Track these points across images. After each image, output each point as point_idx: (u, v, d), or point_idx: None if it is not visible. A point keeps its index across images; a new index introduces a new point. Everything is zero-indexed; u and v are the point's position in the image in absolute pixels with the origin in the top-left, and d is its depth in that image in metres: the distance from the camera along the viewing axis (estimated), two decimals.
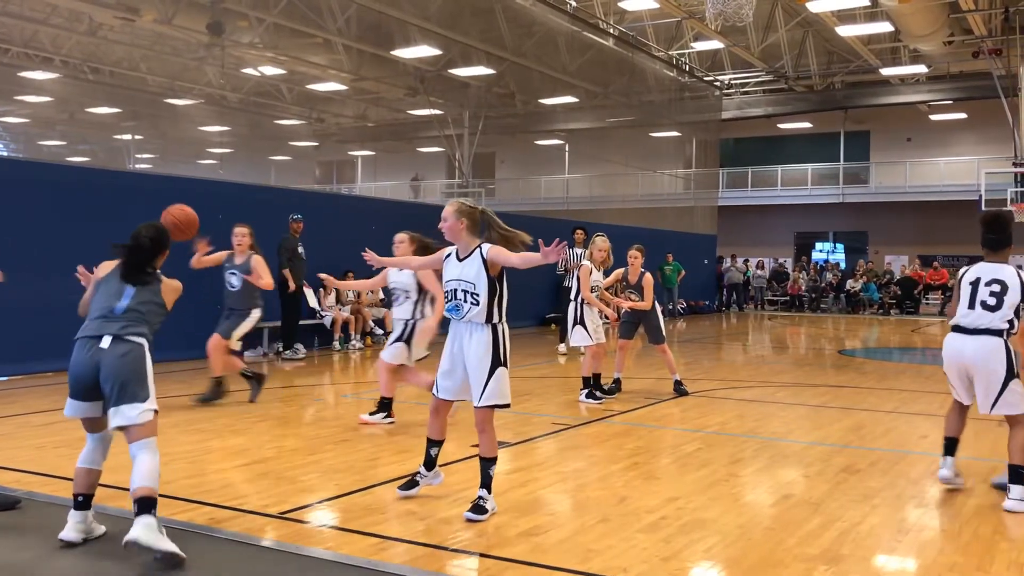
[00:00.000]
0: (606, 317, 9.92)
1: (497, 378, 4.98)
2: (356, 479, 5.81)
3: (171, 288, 4.75)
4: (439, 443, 5.38)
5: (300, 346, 13.55)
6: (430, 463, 5.39)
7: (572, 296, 9.54)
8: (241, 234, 8.92)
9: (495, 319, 5.01)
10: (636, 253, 10.26)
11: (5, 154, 34.35)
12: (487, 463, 5.06)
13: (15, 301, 9.99)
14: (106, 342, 4.37)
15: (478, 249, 5.01)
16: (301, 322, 13.66)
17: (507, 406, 5.08)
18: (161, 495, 5.35)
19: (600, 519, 5.00)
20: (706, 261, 28.94)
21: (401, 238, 7.62)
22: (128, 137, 38.26)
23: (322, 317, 14.45)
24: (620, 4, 23.38)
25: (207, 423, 7.80)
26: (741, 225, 34.50)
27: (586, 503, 5.39)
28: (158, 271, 4.74)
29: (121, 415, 4.31)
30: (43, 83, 30.44)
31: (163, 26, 23.42)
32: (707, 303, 28.14)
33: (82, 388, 4.41)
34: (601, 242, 9.76)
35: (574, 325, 9.45)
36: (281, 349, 13.42)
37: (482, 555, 4.38)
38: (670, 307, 24.75)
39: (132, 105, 33.39)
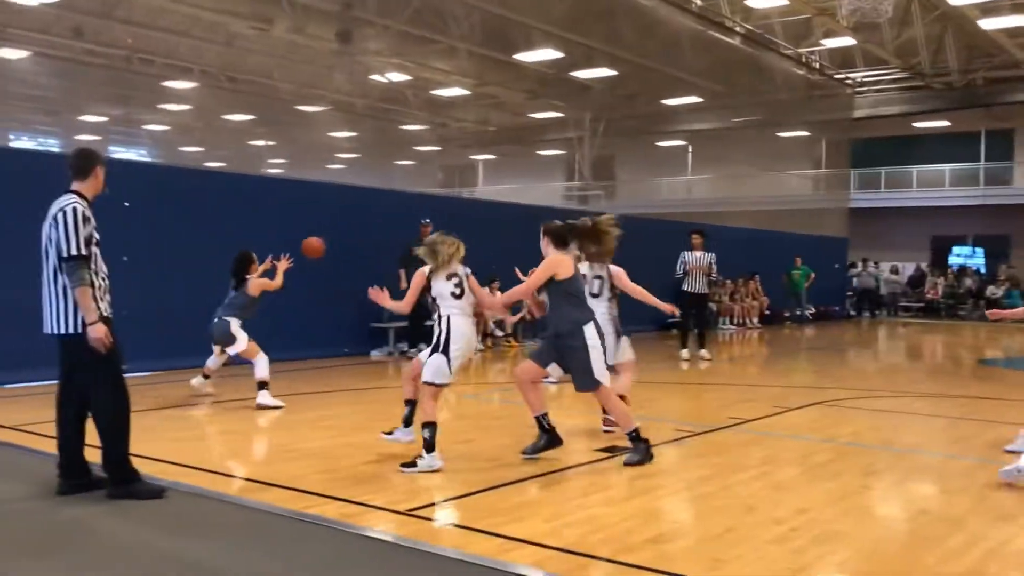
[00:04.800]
0: None
1: (431, 362, 6.26)
2: (481, 478, 5.86)
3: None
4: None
5: (424, 346, 13.78)
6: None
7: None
8: None
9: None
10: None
11: (149, 160, 36.25)
12: (421, 427, 6.14)
13: (156, 301, 10.52)
14: None
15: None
16: (426, 323, 13.88)
17: (435, 385, 6.23)
18: (295, 489, 5.55)
19: (727, 528, 4.89)
20: (836, 265, 28.01)
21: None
22: (261, 143, 39.82)
23: None
24: (747, 2, 22.88)
25: (337, 420, 8.02)
26: (874, 228, 33.20)
27: (712, 512, 5.29)
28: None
29: None
30: (184, 92, 32.01)
31: (295, 35, 24.29)
32: (837, 308, 27.23)
33: None
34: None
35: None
36: (406, 349, 13.71)
37: (607, 560, 4.35)
38: (798, 312, 24.08)
39: (265, 112, 34.73)
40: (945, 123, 32.80)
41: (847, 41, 26.12)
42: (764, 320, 22.88)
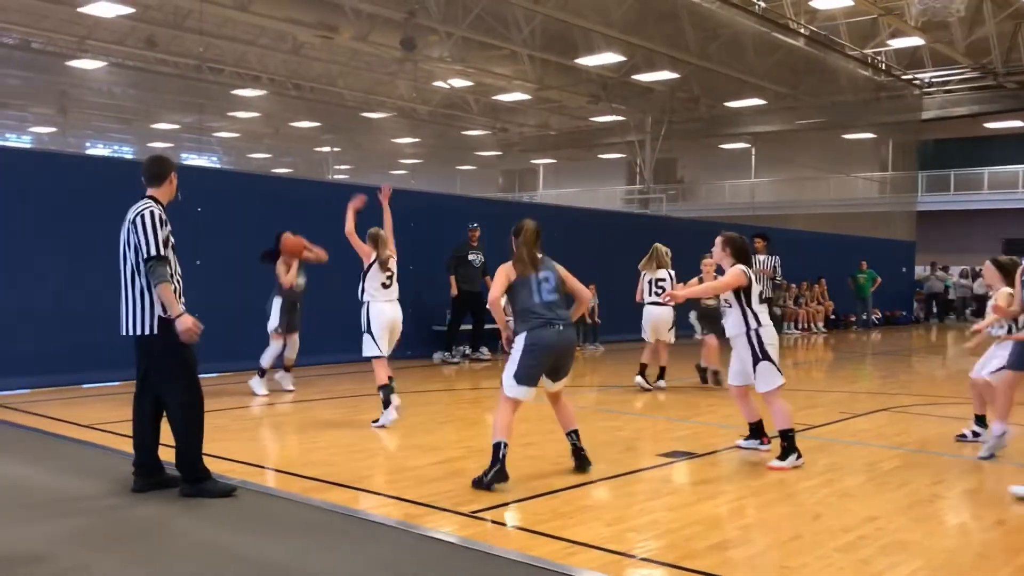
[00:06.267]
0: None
1: (363, 342, 7.91)
2: (543, 482, 5.88)
3: None
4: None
5: (485, 349, 13.89)
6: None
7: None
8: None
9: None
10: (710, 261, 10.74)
11: (219, 166, 37.07)
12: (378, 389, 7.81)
13: (228, 303, 10.76)
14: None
15: None
16: (486, 326, 13.98)
17: (373, 358, 7.88)
18: (361, 489, 5.65)
19: (793, 536, 4.84)
20: (904, 269, 27.42)
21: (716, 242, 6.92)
22: (327, 149, 40.45)
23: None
24: (811, 3, 22.53)
25: (400, 422, 8.10)
26: (943, 231, 32.42)
27: (778, 519, 5.24)
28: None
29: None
30: (252, 100, 32.72)
31: (359, 43, 24.64)
32: (904, 313, 26.66)
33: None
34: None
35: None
36: (468, 351, 13.81)
37: (671, 565, 4.34)
38: (864, 317, 23.64)
39: (331, 119, 35.29)
40: (1018, 123, 31.87)
41: (915, 41, 25.55)
42: (829, 325, 22.51)
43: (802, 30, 23.84)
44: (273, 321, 9.54)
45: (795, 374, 13.59)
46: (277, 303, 9.55)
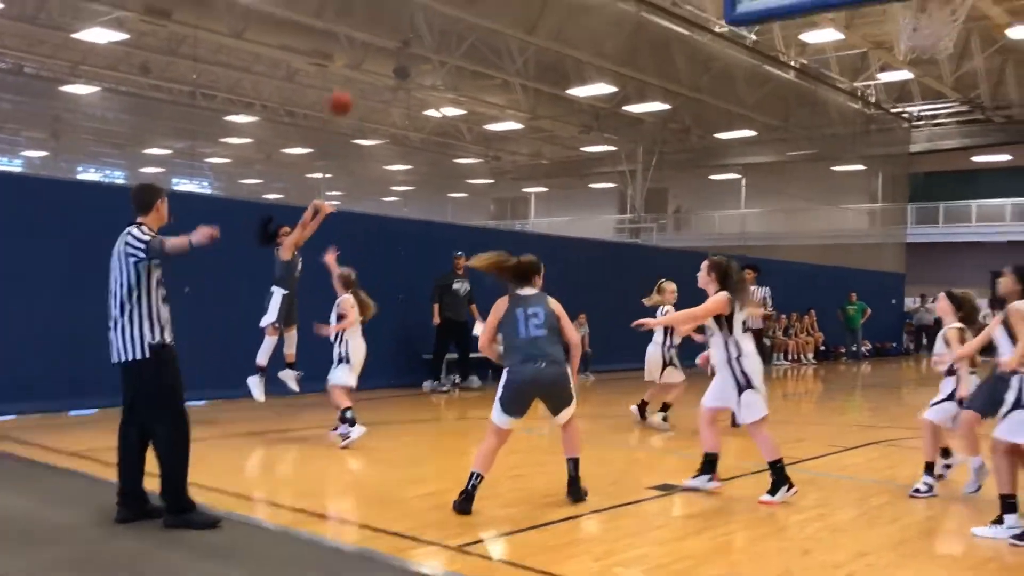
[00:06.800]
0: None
1: (341, 370, 8.43)
2: (531, 515, 5.83)
3: None
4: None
5: (475, 378, 13.84)
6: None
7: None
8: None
9: None
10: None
11: (210, 192, 37.08)
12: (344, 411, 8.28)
13: (216, 331, 10.70)
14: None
15: None
16: (473, 355, 13.93)
17: (346, 386, 8.33)
18: (347, 521, 5.58)
19: (782, 571, 4.81)
20: (894, 301, 27.52)
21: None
22: (319, 176, 40.52)
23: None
24: (802, 36, 22.78)
25: (388, 452, 8.06)
26: (931, 263, 32.57)
27: (767, 554, 5.20)
28: None
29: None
30: (244, 126, 32.81)
31: (353, 71, 24.77)
32: (894, 345, 26.72)
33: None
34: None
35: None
36: (458, 380, 13.76)
37: None
38: (853, 348, 23.68)
39: (323, 146, 35.38)
40: (1006, 157, 32.15)
41: (904, 75, 25.84)
42: (819, 356, 22.53)
43: (792, 63, 24.09)
44: (270, 316, 9.23)
45: (784, 406, 13.57)
46: (278, 296, 9.25)
